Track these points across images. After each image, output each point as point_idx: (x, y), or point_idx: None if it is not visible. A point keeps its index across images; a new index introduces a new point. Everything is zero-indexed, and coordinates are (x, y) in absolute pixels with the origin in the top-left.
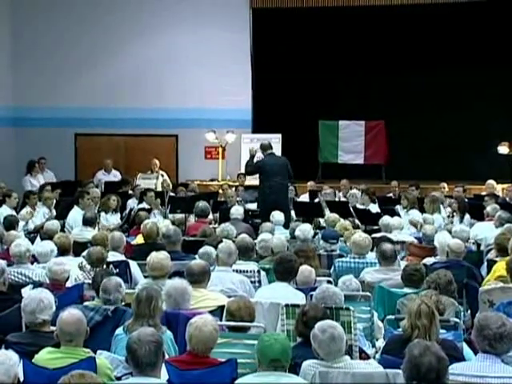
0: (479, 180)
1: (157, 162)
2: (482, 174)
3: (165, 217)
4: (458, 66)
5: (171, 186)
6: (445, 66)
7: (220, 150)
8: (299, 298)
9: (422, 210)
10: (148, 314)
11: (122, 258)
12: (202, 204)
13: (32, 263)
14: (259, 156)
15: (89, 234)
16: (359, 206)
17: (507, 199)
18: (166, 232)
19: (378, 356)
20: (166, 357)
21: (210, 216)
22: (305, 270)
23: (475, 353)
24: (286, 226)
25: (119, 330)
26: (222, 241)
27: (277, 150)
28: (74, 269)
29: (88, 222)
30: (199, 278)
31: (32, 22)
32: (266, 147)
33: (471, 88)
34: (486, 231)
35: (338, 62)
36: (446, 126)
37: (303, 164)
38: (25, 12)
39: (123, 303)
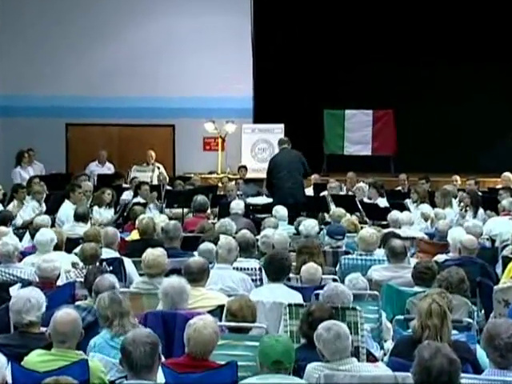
0: (494, 173)
1: (152, 153)
2: (497, 167)
3: (161, 211)
4: (471, 56)
5: (168, 179)
6: (457, 54)
7: (219, 140)
8: (296, 299)
9: (433, 205)
10: (122, 311)
11: (116, 254)
12: (200, 198)
13: (20, 260)
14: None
15: (81, 229)
16: (366, 200)
17: None
18: (165, 227)
19: (386, 358)
20: (163, 359)
21: (209, 211)
22: (310, 267)
23: None
24: (291, 222)
25: (96, 341)
26: (219, 236)
27: None
28: (65, 266)
29: (80, 217)
30: (198, 277)
31: (21, 8)
32: (282, 142)
33: (485, 78)
34: (500, 226)
35: (344, 48)
36: (459, 116)
37: (307, 156)
38: None
39: None
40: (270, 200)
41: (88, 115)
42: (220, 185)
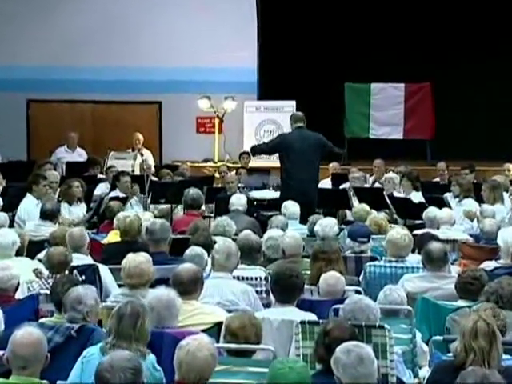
0: None
1: (140, 136)
2: None
3: (145, 208)
4: None
5: (153, 168)
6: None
7: (216, 121)
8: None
9: (480, 200)
10: (132, 334)
11: (89, 261)
12: (192, 192)
13: None
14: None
15: (47, 230)
16: (397, 195)
17: None
18: (150, 227)
19: None
20: None
21: (204, 207)
22: (330, 276)
23: None
24: (304, 221)
25: (90, 350)
26: (210, 237)
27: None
28: (26, 275)
29: (48, 214)
30: (189, 288)
31: None
32: (296, 118)
33: None
34: None
35: (370, 7)
36: (510, 90)
37: None
38: None
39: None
40: (277, 194)
41: (54, 89)
42: (217, 175)
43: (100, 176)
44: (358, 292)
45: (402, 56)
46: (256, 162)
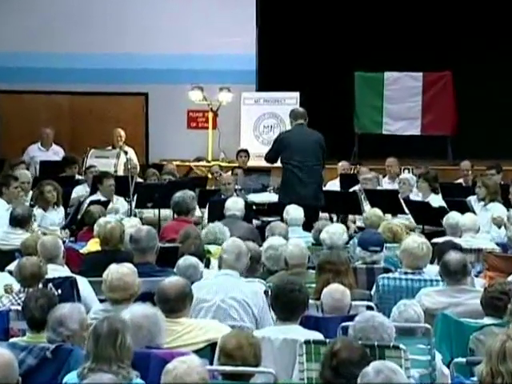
0: None
1: (122, 133)
2: None
3: (129, 213)
4: None
5: (138, 167)
6: None
7: (210, 115)
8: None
9: (508, 204)
10: (113, 355)
11: (66, 272)
12: (182, 195)
13: None
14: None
15: (18, 238)
16: (414, 198)
17: None
18: (134, 234)
19: None
20: None
21: (197, 212)
22: (335, 290)
23: None
24: (309, 228)
25: (71, 376)
26: (202, 246)
27: None
28: None
29: (18, 221)
30: (177, 306)
31: None
32: (297, 115)
33: None
34: None
35: None
36: None
37: (331, 136)
38: None
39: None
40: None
41: (26, 79)
42: (210, 176)
43: (78, 177)
44: (369, 308)
45: (420, 41)
46: (255, 161)
